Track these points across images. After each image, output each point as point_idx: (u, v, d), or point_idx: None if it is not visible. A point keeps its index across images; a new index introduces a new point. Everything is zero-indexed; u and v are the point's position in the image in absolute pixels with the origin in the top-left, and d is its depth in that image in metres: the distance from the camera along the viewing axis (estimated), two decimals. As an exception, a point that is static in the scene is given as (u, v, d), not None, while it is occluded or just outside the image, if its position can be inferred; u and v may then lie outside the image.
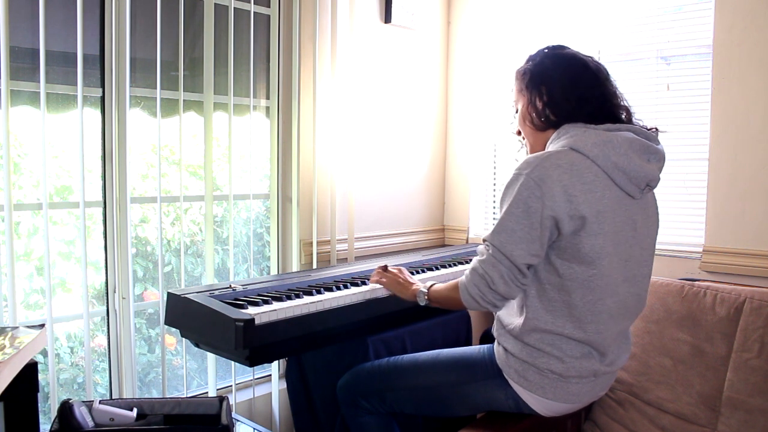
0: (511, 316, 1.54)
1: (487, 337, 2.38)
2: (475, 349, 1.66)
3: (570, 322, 1.45)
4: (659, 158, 1.50)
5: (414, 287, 1.72)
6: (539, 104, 1.52)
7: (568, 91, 1.48)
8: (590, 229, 1.40)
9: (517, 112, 1.61)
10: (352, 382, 1.78)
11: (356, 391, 1.75)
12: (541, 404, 1.52)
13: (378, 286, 1.85)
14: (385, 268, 1.84)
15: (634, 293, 1.53)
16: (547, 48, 1.57)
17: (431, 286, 1.67)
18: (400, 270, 1.84)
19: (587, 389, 1.52)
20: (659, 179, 1.50)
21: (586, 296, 1.44)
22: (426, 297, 1.66)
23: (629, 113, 1.53)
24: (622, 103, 1.53)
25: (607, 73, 1.52)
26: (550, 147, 1.49)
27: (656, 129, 1.54)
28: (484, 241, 1.47)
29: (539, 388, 1.49)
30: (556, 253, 1.43)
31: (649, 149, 1.47)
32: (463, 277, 1.51)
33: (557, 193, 1.37)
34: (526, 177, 1.39)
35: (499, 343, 1.56)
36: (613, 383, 1.90)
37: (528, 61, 1.58)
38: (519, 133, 1.63)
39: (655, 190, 1.56)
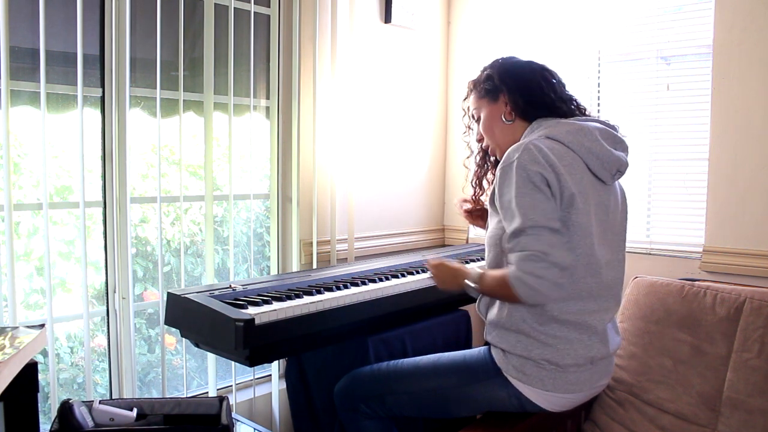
0: (499, 311, 1.56)
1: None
2: (474, 351, 1.67)
3: (557, 303, 1.48)
4: (624, 147, 1.60)
5: (462, 276, 1.60)
6: (521, 102, 1.60)
7: (545, 90, 1.59)
8: (578, 207, 1.46)
9: (477, 120, 1.69)
10: (351, 387, 1.77)
11: (356, 395, 1.75)
12: (542, 398, 1.53)
13: (379, 286, 1.86)
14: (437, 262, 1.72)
15: (615, 277, 1.59)
16: (503, 57, 1.69)
17: (480, 278, 1.55)
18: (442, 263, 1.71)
19: (586, 377, 1.54)
20: (628, 165, 1.59)
21: (572, 275, 1.47)
22: (477, 290, 1.57)
23: (578, 107, 1.65)
24: (574, 98, 1.65)
25: (557, 75, 1.64)
26: (525, 140, 1.55)
27: (615, 125, 1.64)
28: (512, 236, 1.43)
29: (538, 381, 1.50)
30: None
31: (615, 138, 1.58)
32: (511, 274, 1.43)
33: (547, 169, 1.44)
34: (518, 161, 1.45)
35: (495, 346, 1.58)
36: (613, 383, 1.90)
37: (482, 71, 1.68)
38: (481, 139, 1.71)
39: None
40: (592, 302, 1.52)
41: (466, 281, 1.58)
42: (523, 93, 1.60)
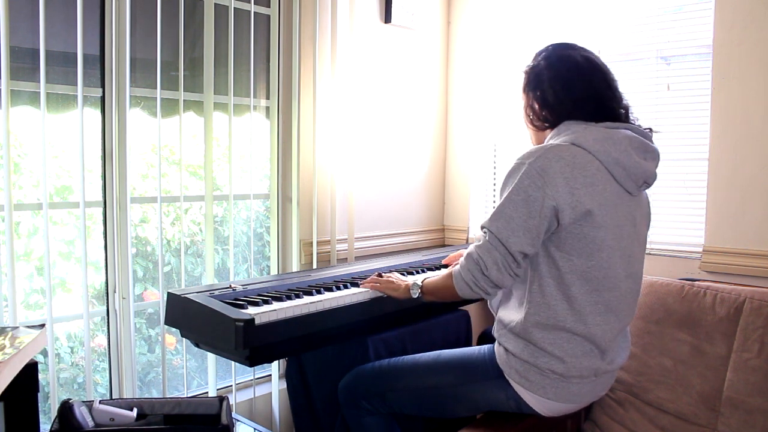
0: (511, 313, 1.54)
1: (485, 338, 2.38)
2: (475, 349, 1.66)
3: (571, 315, 1.46)
4: (655, 157, 1.54)
5: (407, 282, 1.73)
6: (536, 106, 1.55)
7: (561, 94, 1.51)
8: (594, 221, 1.42)
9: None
10: (353, 384, 1.78)
11: (357, 392, 1.76)
12: (542, 404, 1.52)
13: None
14: (379, 275, 1.86)
15: (634, 290, 1.56)
16: (552, 46, 1.58)
17: (425, 279, 1.68)
18: (392, 273, 1.86)
19: (588, 389, 1.53)
20: (656, 177, 1.53)
21: (584, 287, 1.45)
22: (420, 289, 1.67)
23: (627, 112, 1.56)
24: (622, 102, 1.55)
25: (605, 72, 1.53)
26: (551, 142, 1.51)
27: (650, 129, 1.58)
28: (482, 227, 1.49)
29: (540, 389, 1.49)
30: (555, 245, 1.45)
31: (646, 148, 1.51)
32: (458, 265, 1.52)
33: (559, 184, 1.39)
34: (529, 166, 1.41)
35: (499, 344, 1.56)
36: (613, 383, 1.90)
37: (533, 59, 1.60)
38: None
39: (654, 190, 1.57)
40: (608, 316, 1.49)
41: (412, 285, 1.68)
42: (553, 97, 1.53)
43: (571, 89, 1.50)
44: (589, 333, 1.47)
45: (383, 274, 1.87)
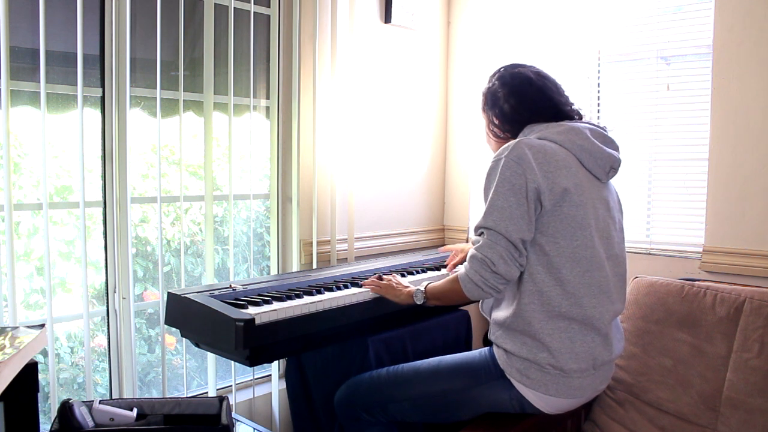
0: (505, 311, 1.55)
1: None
2: (476, 353, 1.67)
3: (565, 299, 1.49)
4: (615, 147, 1.64)
5: (409, 288, 1.74)
6: (497, 122, 1.66)
7: (518, 106, 1.63)
8: (572, 199, 1.49)
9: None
10: (352, 397, 1.77)
11: (357, 404, 1.75)
12: (544, 401, 1.53)
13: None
14: (379, 277, 1.87)
15: (618, 273, 1.61)
16: (503, 67, 1.70)
17: (428, 284, 1.69)
18: (393, 275, 1.87)
19: (588, 383, 1.54)
20: (621, 162, 1.63)
21: (575, 269, 1.49)
22: (424, 295, 1.68)
23: (581, 116, 1.67)
24: (573, 107, 1.66)
25: (554, 83, 1.66)
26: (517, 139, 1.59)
27: (605, 127, 1.68)
28: (476, 229, 1.52)
29: (542, 385, 1.50)
30: (540, 231, 1.50)
31: (605, 137, 1.62)
32: (463, 268, 1.54)
33: (535, 169, 1.47)
34: (506, 158, 1.49)
35: (498, 345, 1.57)
36: (613, 383, 1.90)
37: (488, 81, 1.72)
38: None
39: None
40: (601, 297, 1.53)
41: (415, 291, 1.70)
42: (510, 111, 1.65)
43: (526, 100, 1.63)
44: (586, 315, 1.50)
45: (383, 276, 1.87)
